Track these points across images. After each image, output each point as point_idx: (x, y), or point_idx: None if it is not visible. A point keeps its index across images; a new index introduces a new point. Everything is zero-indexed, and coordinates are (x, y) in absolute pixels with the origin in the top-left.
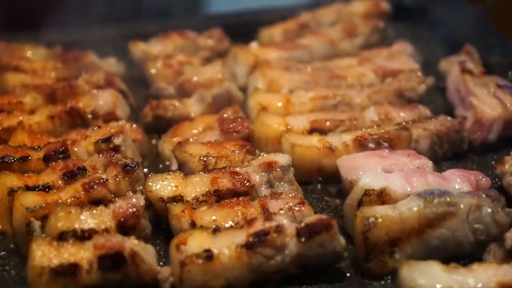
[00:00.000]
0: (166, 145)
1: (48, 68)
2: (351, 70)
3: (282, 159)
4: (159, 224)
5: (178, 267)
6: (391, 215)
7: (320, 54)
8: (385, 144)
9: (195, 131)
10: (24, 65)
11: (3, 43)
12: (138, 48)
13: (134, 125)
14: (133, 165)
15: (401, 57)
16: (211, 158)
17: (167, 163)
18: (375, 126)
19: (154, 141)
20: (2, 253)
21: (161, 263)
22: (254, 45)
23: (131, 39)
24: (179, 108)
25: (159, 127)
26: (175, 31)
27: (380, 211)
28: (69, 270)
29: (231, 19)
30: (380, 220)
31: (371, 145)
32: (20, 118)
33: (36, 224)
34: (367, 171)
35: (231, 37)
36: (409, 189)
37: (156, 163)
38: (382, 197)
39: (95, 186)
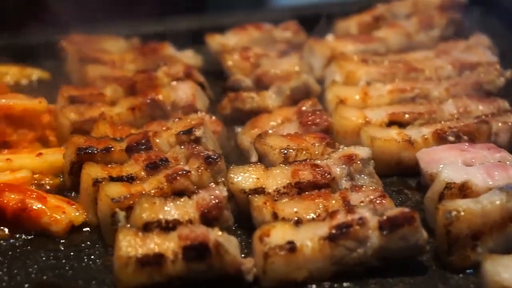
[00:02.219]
0: (245, 137)
1: (127, 60)
2: (428, 63)
3: (363, 152)
4: (240, 215)
5: (262, 258)
6: (473, 209)
7: (396, 47)
8: (465, 137)
9: (273, 123)
10: (103, 57)
11: (83, 35)
12: (215, 41)
13: (214, 117)
14: (215, 157)
15: (479, 49)
16: (291, 150)
17: (246, 154)
18: (454, 119)
19: (231, 133)
20: (87, 242)
21: (242, 255)
22: (330, 37)
23: (206, 31)
24: (257, 100)
25: (236, 119)
26: (250, 23)
27: (462, 205)
28: (155, 260)
29: (305, 11)
30: (462, 213)
31: (450, 138)
32: (102, 109)
33: (121, 214)
34: (448, 164)
35: (305, 29)
36: (490, 183)
37: (235, 155)
38: (463, 190)
39: (178, 178)
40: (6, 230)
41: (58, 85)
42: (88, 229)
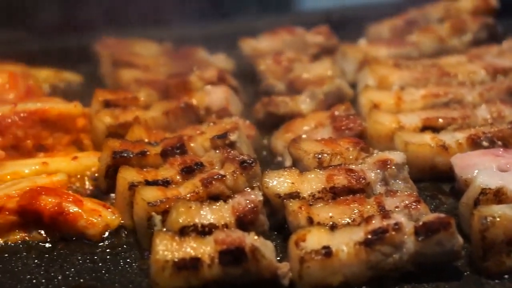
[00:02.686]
0: (279, 141)
1: (160, 64)
2: (461, 68)
3: (397, 156)
4: (274, 219)
5: (298, 263)
6: (509, 214)
7: (428, 51)
8: (499, 142)
9: (306, 128)
10: (136, 60)
11: (116, 39)
12: (248, 45)
13: (247, 121)
14: (250, 162)
15: None
16: (325, 155)
17: (279, 159)
18: (488, 124)
19: (264, 137)
20: (123, 246)
21: (277, 259)
22: (362, 42)
23: (238, 36)
24: (290, 104)
25: (269, 123)
26: (282, 27)
27: (498, 211)
28: (191, 264)
29: (335, 15)
30: (498, 219)
31: (484, 143)
32: (136, 113)
33: (157, 218)
34: (483, 170)
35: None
36: None
37: (268, 159)
38: (499, 196)
39: (213, 182)
40: (43, 233)
41: (92, 88)
42: (123, 232)
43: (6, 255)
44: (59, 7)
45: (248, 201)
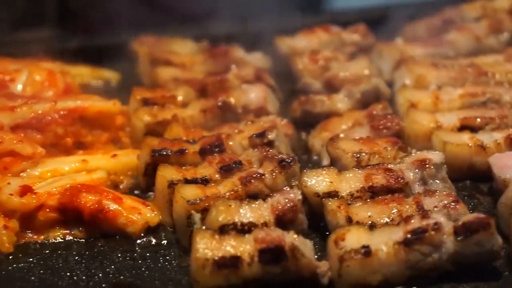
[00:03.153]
0: (316, 140)
1: (197, 62)
2: (498, 67)
3: (436, 156)
4: (312, 218)
5: (337, 262)
6: None
7: (464, 50)
8: None
9: (344, 127)
10: (173, 59)
11: (153, 37)
12: (285, 43)
13: (285, 120)
14: (289, 160)
15: None
16: (363, 154)
17: (316, 157)
18: None
19: (301, 136)
20: (163, 243)
21: (315, 257)
22: (399, 40)
23: (275, 34)
24: (327, 103)
25: (306, 121)
26: (319, 26)
27: None
28: (231, 263)
29: (372, 14)
30: None
31: None
32: (174, 111)
33: (197, 216)
34: None
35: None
36: None
37: (305, 158)
38: None
39: (252, 180)
40: (83, 230)
41: (129, 86)
42: (162, 230)
43: (47, 251)
44: (97, 4)
45: (287, 200)
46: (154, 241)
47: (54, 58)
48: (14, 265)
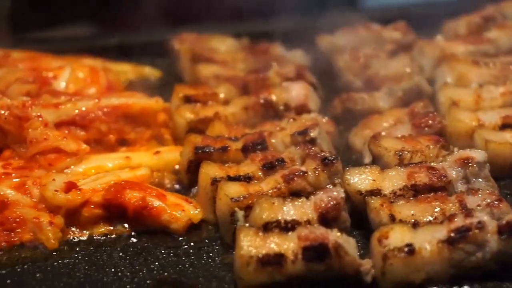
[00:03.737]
0: (357, 137)
1: (238, 59)
2: None
3: (478, 155)
4: (354, 216)
5: (381, 260)
6: None
7: (506, 48)
8: None
9: (385, 125)
10: (214, 56)
11: (194, 34)
12: (325, 41)
13: (326, 118)
14: (332, 158)
15: None
16: (406, 152)
17: (357, 155)
18: None
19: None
20: (206, 240)
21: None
22: (439, 38)
23: (313, 31)
24: (368, 101)
25: (346, 119)
26: (359, 23)
27: None
28: (275, 260)
29: (412, 10)
30: None
31: None
32: (216, 109)
33: (240, 214)
34: None
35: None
36: None
37: (346, 155)
38: None
39: (295, 178)
40: (127, 226)
41: (169, 83)
42: (206, 226)
43: (92, 247)
44: (138, 2)
45: (330, 198)
46: (197, 238)
47: (95, 55)
48: (60, 261)
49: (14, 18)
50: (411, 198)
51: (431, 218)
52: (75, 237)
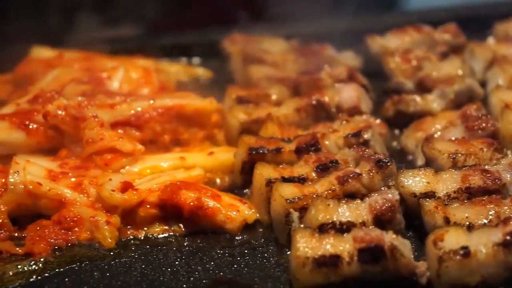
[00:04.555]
0: (409, 139)
1: (289, 61)
2: None
3: None
4: (408, 218)
5: (436, 262)
6: None
7: None
8: None
9: (437, 127)
10: (265, 57)
11: (245, 36)
12: (376, 42)
13: (378, 120)
14: (386, 161)
15: None
16: (459, 155)
17: (410, 157)
18: None
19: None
20: (260, 241)
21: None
22: (491, 40)
23: (362, 33)
24: (420, 103)
25: (398, 121)
26: (410, 25)
27: None
28: (331, 261)
29: (464, 12)
30: None
31: None
32: (269, 110)
33: (295, 215)
34: None
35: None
36: None
37: (398, 157)
38: None
39: (349, 180)
40: (182, 226)
41: (220, 84)
42: (260, 227)
43: (148, 247)
44: (190, 3)
45: (385, 200)
46: (251, 238)
47: (146, 55)
48: (117, 260)
49: (67, 18)
50: (465, 201)
51: (486, 221)
52: (131, 237)
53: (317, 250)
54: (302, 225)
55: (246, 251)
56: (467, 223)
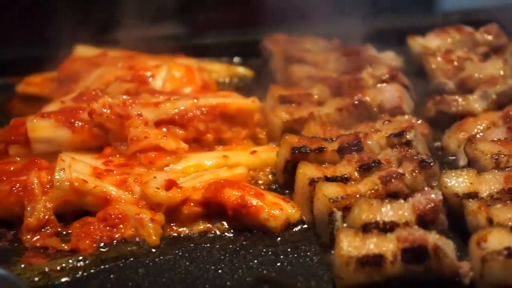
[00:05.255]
0: (451, 140)
1: (330, 60)
2: None
3: None
4: (450, 218)
5: (479, 262)
6: None
7: None
8: None
9: (479, 128)
10: (307, 57)
11: (285, 35)
12: (417, 43)
13: (420, 120)
14: (429, 161)
15: None
16: (502, 156)
17: (452, 157)
18: None
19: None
20: (303, 239)
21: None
22: None
23: (405, 33)
24: (462, 104)
25: (439, 121)
26: (451, 26)
27: None
28: (375, 261)
29: (504, 13)
30: None
31: None
32: (311, 109)
33: (338, 214)
34: None
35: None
36: None
37: (439, 157)
38: None
39: (392, 180)
40: (225, 224)
41: (261, 83)
42: (303, 226)
43: (192, 244)
44: (231, 2)
45: (428, 200)
46: (294, 237)
47: (188, 55)
48: (161, 257)
49: (106, 17)
50: (508, 202)
51: None
52: (175, 234)
53: (360, 250)
54: (345, 225)
55: (289, 249)
56: (510, 223)
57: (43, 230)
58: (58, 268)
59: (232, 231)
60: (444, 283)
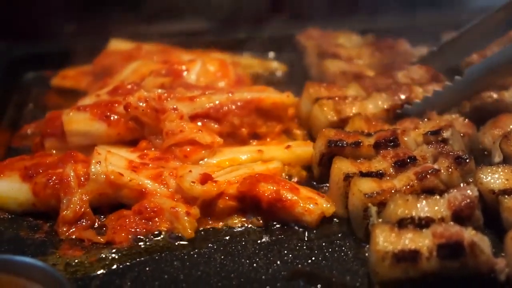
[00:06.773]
0: (486, 136)
1: (364, 55)
2: None
3: None
4: (486, 215)
5: None
6: None
7: None
8: None
9: None
10: (341, 52)
11: (319, 30)
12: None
13: (466, 120)
14: (465, 158)
15: None
16: None
17: (487, 153)
18: None
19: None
20: (338, 234)
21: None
22: None
23: (438, 28)
24: (498, 100)
25: (475, 118)
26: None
27: None
28: (410, 256)
29: None
30: None
31: None
32: (356, 107)
33: (373, 209)
34: None
35: None
36: None
37: (474, 153)
38: None
39: (427, 176)
40: (260, 218)
41: (295, 77)
42: (337, 221)
43: (227, 238)
44: None
45: (464, 196)
46: (328, 231)
47: (221, 49)
48: (196, 250)
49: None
50: None
51: None
52: (210, 228)
53: (396, 245)
54: (380, 220)
55: (323, 244)
56: None
57: (79, 222)
58: (94, 260)
59: (266, 225)
60: (479, 280)
